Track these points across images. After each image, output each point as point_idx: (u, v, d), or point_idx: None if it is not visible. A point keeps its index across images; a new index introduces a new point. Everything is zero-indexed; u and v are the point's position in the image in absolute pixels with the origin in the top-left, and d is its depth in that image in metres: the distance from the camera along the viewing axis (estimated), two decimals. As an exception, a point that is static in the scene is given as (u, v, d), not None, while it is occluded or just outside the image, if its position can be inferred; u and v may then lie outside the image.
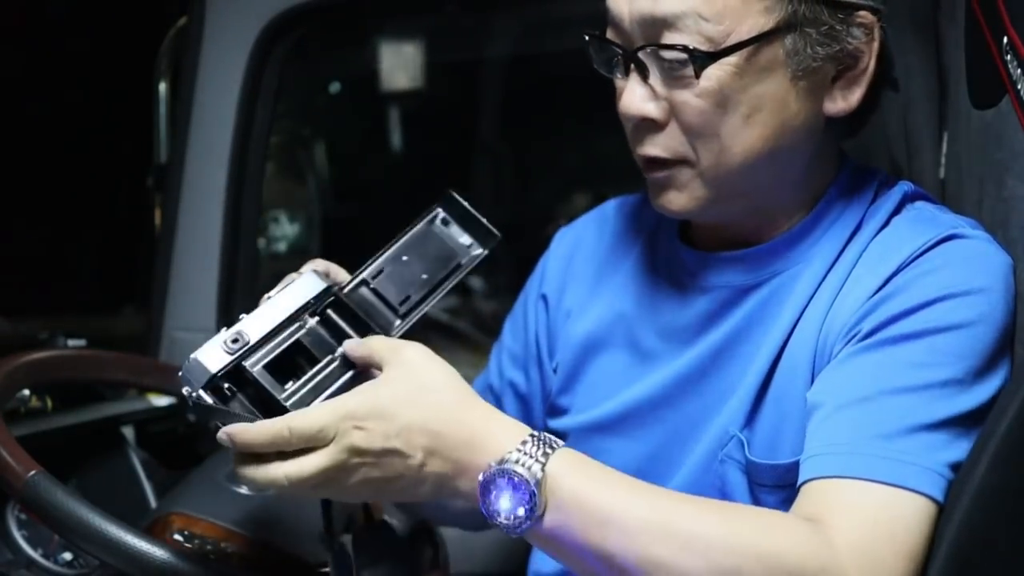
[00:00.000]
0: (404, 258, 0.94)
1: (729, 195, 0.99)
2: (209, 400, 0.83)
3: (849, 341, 0.93)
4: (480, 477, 0.80)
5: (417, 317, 0.92)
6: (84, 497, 0.93)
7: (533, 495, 0.79)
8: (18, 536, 1.15)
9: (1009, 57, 0.92)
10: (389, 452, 0.81)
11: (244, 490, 1.13)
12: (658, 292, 1.10)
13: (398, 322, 0.92)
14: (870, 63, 0.97)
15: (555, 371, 1.18)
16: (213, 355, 0.84)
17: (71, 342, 1.38)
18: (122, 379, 1.30)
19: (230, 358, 0.84)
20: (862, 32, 0.96)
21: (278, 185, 2.65)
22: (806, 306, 0.99)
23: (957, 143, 1.13)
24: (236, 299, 1.87)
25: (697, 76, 0.93)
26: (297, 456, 0.81)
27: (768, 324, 1.00)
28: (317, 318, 0.90)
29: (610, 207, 1.23)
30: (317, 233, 2.67)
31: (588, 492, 0.81)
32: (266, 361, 0.86)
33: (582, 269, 1.19)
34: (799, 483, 0.89)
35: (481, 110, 3.18)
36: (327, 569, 1.03)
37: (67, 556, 1.15)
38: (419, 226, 0.96)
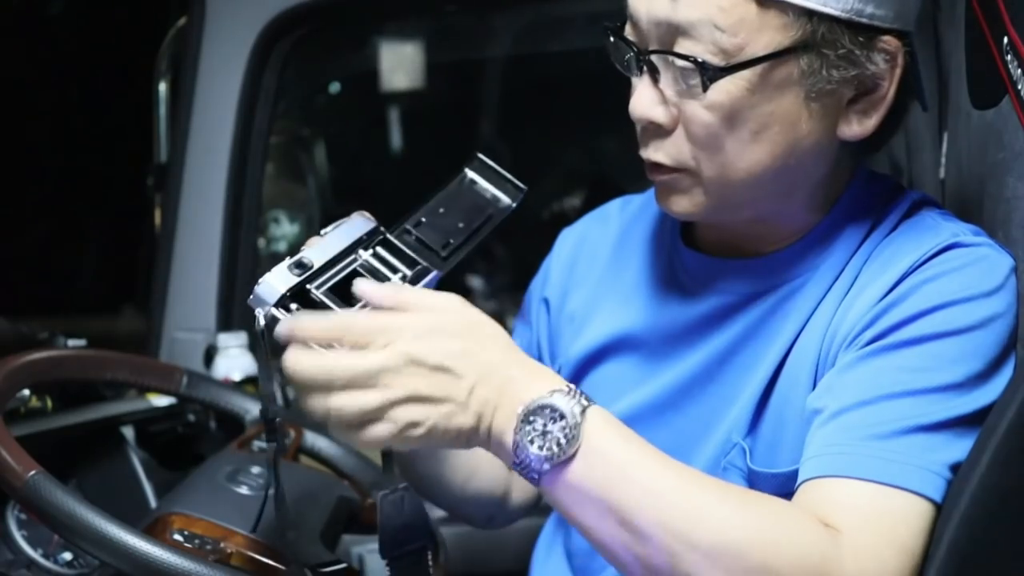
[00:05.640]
0: (441, 210, 1.00)
1: (732, 205, 0.99)
2: (282, 318, 0.87)
3: (851, 347, 0.93)
4: (521, 408, 0.82)
5: (458, 260, 0.98)
6: (84, 497, 0.93)
7: (573, 429, 0.81)
8: (18, 536, 1.15)
9: (1009, 57, 0.92)
10: (443, 369, 0.82)
11: (244, 490, 1.13)
12: (662, 296, 1.09)
13: (442, 262, 0.97)
14: (890, 90, 0.94)
15: (559, 372, 1.17)
16: (281, 277, 0.89)
17: (71, 342, 1.38)
18: (122, 379, 1.30)
19: (297, 279, 0.89)
20: (883, 58, 0.92)
21: (278, 185, 2.64)
22: (811, 315, 0.98)
23: (957, 143, 1.13)
24: (236, 299, 1.87)
25: (704, 89, 0.91)
26: (353, 353, 0.81)
27: (772, 332, 1.00)
28: (371, 251, 0.96)
29: (614, 207, 1.22)
30: (317, 233, 2.67)
31: (619, 446, 0.83)
32: (329, 285, 0.91)
33: (586, 272, 1.18)
34: (796, 485, 0.89)
35: (481, 110, 3.18)
36: (327, 569, 1.03)
37: (67, 556, 1.15)
38: (452, 185, 1.02)
